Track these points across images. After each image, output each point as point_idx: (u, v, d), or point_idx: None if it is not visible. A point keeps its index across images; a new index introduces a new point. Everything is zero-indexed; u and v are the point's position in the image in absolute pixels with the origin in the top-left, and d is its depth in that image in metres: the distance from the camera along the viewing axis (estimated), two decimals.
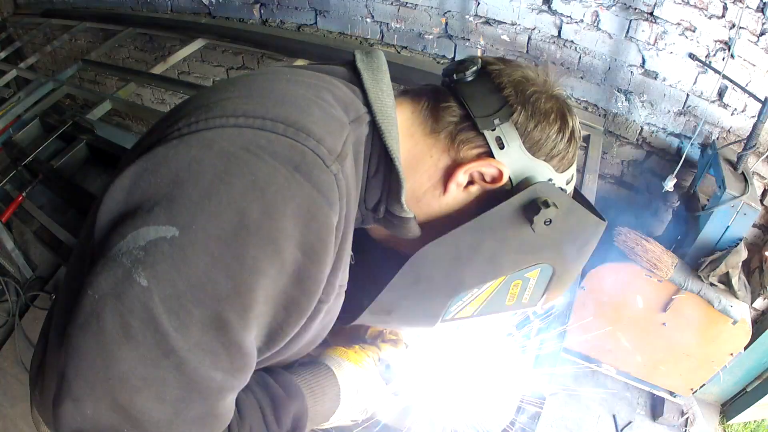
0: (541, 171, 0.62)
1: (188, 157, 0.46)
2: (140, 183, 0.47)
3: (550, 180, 0.63)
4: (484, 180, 0.62)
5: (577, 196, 0.70)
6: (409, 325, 0.75)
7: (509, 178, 0.61)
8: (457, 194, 0.63)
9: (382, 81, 0.62)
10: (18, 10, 3.51)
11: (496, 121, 0.60)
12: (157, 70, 2.41)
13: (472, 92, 0.62)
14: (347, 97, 0.58)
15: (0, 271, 2.17)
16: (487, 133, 0.60)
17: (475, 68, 0.63)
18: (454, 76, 0.63)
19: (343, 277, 0.60)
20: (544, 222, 0.60)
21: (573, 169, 0.65)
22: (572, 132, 0.63)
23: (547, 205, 0.59)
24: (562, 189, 0.64)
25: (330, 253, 0.52)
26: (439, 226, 0.63)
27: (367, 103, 0.59)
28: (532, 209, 0.60)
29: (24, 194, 1.87)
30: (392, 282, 0.63)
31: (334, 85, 0.58)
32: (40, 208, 1.82)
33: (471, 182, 0.62)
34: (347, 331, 0.88)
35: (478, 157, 0.61)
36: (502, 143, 0.60)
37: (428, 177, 0.63)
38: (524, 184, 0.61)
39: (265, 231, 0.46)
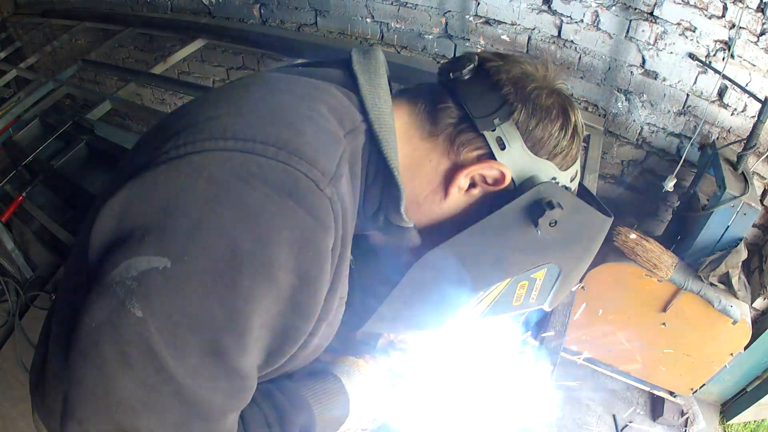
0: (545, 170, 0.60)
1: (177, 185, 0.45)
2: (130, 210, 0.46)
3: (554, 178, 0.61)
4: (486, 182, 0.60)
5: (582, 191, 0.69)
6: (415, 330, 0.75)
7: (512, 179, 0.60)
8: (458, 198, 0.62)
9: (379, 86, 0.60)
10: (18, 10, 3.51)
11: (496, 121, 0.58)
12: (157, 70, 2.41)
13: (470, 91, 0.60)
14: (342, 106, 0.56)
15: (0, 271, 2.17)
16: (487, 134, 0.58)
17: (471, 66, 0.61)
18: (451, 74, 0.61)
19: (343, 289, 0.59)
20: (550, 223, 0.58)
21: (577, 165, 0.64)
22: (575, 128, 0.61)
23: (551, 206, 0.58)
24: (566, 187, 0.63)
25: (326, 276, 0.51)
26: (441, 231, 0.62)
27: (364, 110, 0.58)
28: (536, 211, 0.58)
29: (24, 194, 1.87)
30: (396, 289, 0.62)
31: (329, 94, 0.56)
32: (40, 208, 1.83)
33: (473, 185, 0.61)
34: (357, 340, 0.87)
35: (479, 159, 0.59)
36: (503, 143, 0.58)
37: (428, 182, 0.61)
38: (528, 184, 0.60)
39: (258, 260, 0.45)
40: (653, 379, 2.12)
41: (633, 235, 1.76)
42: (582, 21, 1.90)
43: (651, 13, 1.78)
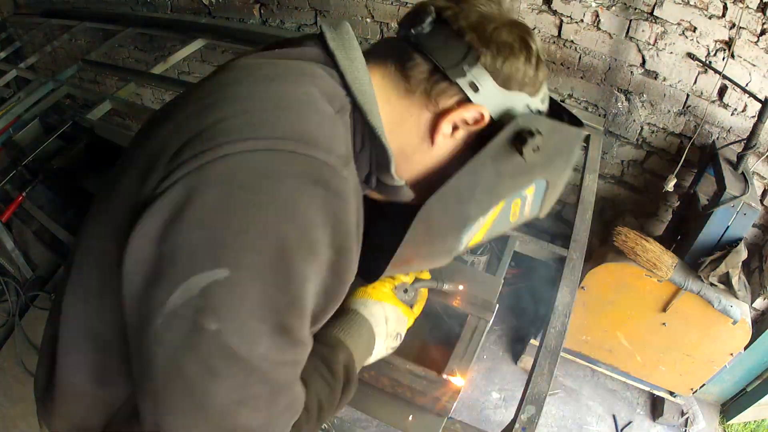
0: (518, 101, 0.64)
1: (212, 198, 0.47)
2: (170, 232, 0.47)
3: (528, 106, 0.65)
4: (467, 124, 0.64)
5: (554, 105, 0.73)
6: (428, 264, 0.81)
7: (490, 116, 0.63)
8: (444, 144, 0.65)
9: (356, 59, 0.63)
10: (18, 10, 3.50)
11: (465, 67, 0.61)
12: (157, 70, 2.41)
13: (434, 44, 0.62)
14: (328, 85, 0.59)
15: (0, 271, 2.17)
16: (459, 81, 0.61)
17: (431, 18, 0.63)
18: (413, 30, 0.63)
19: (359, 247, 0.63)
20: (533, 149, 0.63)
21: (545, 88, 0.68)
22: (537, 55, 0.65)
23: (531, 134, 0.62)
24: (539, 111, 0.67)
25: (355, 243, 0.57)
26: (435, 177, 0.66)
27: (345, 85, 0.61)
28: (519, 141, 0.63)
29: (24, 194, 1.86)
30: (405, 238, 0.66)
31: (314, 75, 0.59)
32: (40, 208, 1.82)
33: (455, 128, 0.65)
34: None
35: (458, 104, 0.63)
36: (476, 86, 0.62)
37: (413, 135, 0.65)
38: (506, 118, 0.64)
39: (304, 245, 0.49)
40: (653, 379, 2.12)
41: (633, 235, 1.77)
42: (582, 21, 1.90)
43: (651, 13, 1.78)
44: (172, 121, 0.56)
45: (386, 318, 0.83)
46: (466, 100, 0.63)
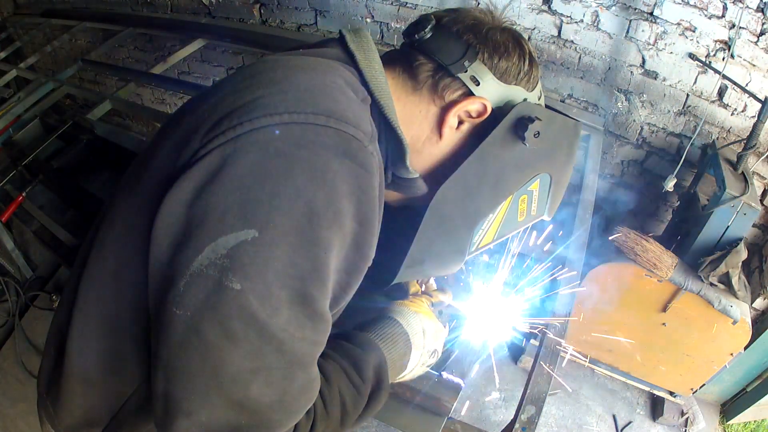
0: (516, 94, 0.70)
1: (248, 163, 0.49)
2: (202, 195, 0.49)
3: (525, 99, 0.70)
4: (471, 116, 0.69)
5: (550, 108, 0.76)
6: (441, 268, 0.80)
7: (492, 108, 0.68)
8: (451, 136, 0.70)
9: (373, 60, 0.67)
10: (18, 10, 3.50)
11: (466, 63, 0.67)
12: (157, 70, 2.41)
13: (436, 45, 0.68)
14: (350, 80, 0.62)
15: (0, 271, 2.17)
16: (461, 76, 0.67)
17: (431, 24, 0.69)
18: (416, 35, 0.69)
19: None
20: (534, 135, 0.68)
21: (540, 86, 0.73)
22: (530, 54, 0.70)
23: (531, 120, 0.67)
24: (536, 104, 0.71)
25: (378, 219, 0.58)
26: (445, 169, 0.70)
27: (364, 82, 0.65)
28: (520, 127, 0.68)
29: (24, 194, 1.86)
30: (420, 230, 0.69)
31: (338, 69, 0.63)
32: (40, 208, 1.82)
33: (461, 123, 0.69)
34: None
35: (462, 98, 0.68)
36: (477, 80, 0.67)
37: (423, 129, 0.70)
38: (506, 108, 0.69)
39: (331, 212, 0.51)
40: (653, 379, 2.12)
41: (633, 235, 1.76)
42: (582, 21, 1.90)
43: (651, 13, 1.78)
44: (206, 103, 0.58)
45: (423, 330, 0.81)
46: (469, 94, 0.67)
